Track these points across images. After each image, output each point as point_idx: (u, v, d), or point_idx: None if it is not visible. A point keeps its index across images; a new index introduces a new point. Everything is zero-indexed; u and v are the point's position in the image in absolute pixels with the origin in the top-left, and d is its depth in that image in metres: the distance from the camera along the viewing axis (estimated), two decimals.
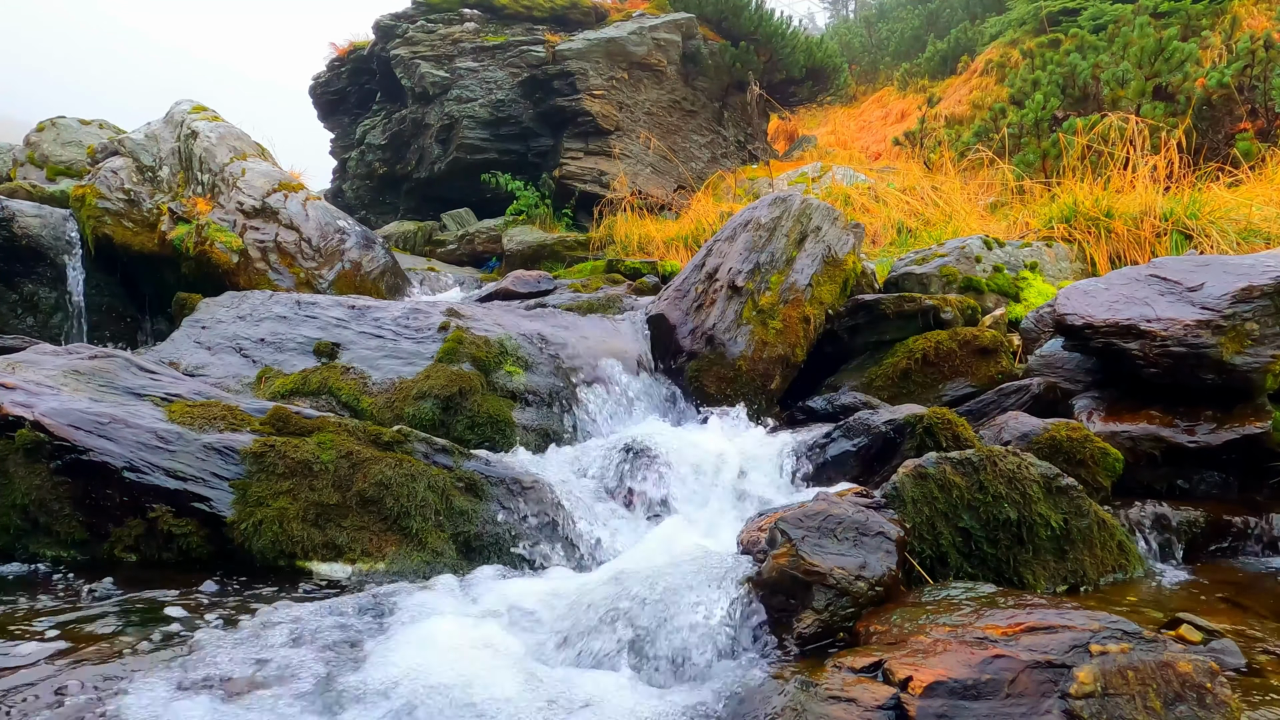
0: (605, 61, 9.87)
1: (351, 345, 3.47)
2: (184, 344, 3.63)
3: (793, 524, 1.89)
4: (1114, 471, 2.65)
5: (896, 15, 18.24)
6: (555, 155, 9.87)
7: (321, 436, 2.49)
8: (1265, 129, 7.23)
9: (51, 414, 2.27)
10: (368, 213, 11.02)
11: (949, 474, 2.11)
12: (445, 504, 2.46)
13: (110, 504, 2.23)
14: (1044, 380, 3.27)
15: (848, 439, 2.82)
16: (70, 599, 2.01)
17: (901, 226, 7.07)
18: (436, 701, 1.60)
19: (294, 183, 6.05)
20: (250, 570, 2.26)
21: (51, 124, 7.59)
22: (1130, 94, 7.89)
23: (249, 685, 1.63)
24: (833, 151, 11.95)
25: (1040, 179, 7.17)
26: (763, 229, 4.03)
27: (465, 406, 3.15)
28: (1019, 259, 4.83)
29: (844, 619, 1.74)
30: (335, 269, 5.67)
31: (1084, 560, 2.14)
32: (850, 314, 4.04)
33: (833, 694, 1.45)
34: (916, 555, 2.02)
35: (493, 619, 2.04)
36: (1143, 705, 1.31)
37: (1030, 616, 1.54)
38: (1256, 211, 5.04)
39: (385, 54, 10.58)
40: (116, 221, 5.51)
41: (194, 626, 1.89)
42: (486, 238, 9.34)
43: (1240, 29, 9.12)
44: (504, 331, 3.55)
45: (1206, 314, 2.83)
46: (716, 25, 11.42)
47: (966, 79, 13.08)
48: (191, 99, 6.55)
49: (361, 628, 1.90)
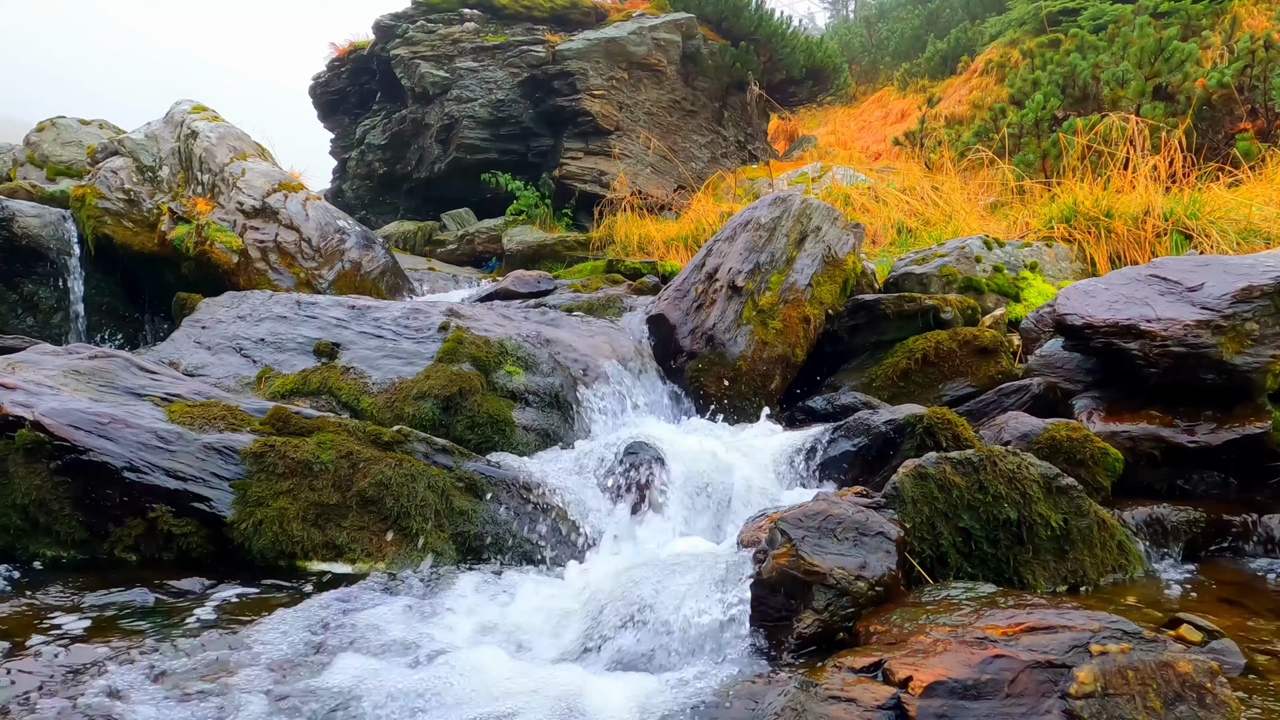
0: (605, 61, 9.87)
1: (351, 345, 3.47)
2: (184, 344, 3.63)
3: (793, 524, 1.89)
4: (1114, 471, 2.64)
5: (896, 15, 18.23)
6: (555, 155, 9.87)
7: (321, 436, 2.49)
8: (1265, 129, 7.23)
9: (51, 414, 2.27)
10: (368, 213, 11.01)
11: (949, 474, 2.11)
12: (445, 504, 2.46)
13: (110, 504, 2.23)
14: (1044, 380, 3.27)
15: (848, 439, 2.82)
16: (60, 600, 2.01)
17: (901, 226, 7.07)
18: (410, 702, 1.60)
19: (294, 183, 6.05)
20: (250, 570, 2.26)
21: (51, 124, 7.59)
22: (1130, 94, 7.89)
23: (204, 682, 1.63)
24: (833, 151, 11.95)
25: (1040, 179, 7.17)
26: (763, 229, 4.03)
27: (465, 406, 3.15)
28: (1019, 259, 4.83)
29: (844, 619, 1.74)
30: (335, 269, 5.67)
31: (1084, 560, 2.14)
32: (850, 314, 4.03)
33: (833, 694, 1.45)
34: (916, 555, 2.02)
35: (489, 619, 2.04)
36: (1143, 705, 1.31)
37: (1030, 616, 1.54)
38: (1256, 211, 5.04)
39: (385, 54, 10.57)
40: (116, 221, 5.50)
41: (170, 624, 1.89)
42: (486, 238, 9.33)
43: (1240, 29, 9.12)
44: (504, 331, 3.55)
45: (1206, 314, 2.83)
46: (716, 25, 11.42)
47: (966, 79, 13.08)
48: (191, 99, 6.54)
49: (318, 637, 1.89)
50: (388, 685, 1.65)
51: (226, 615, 1.96)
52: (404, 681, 1.66)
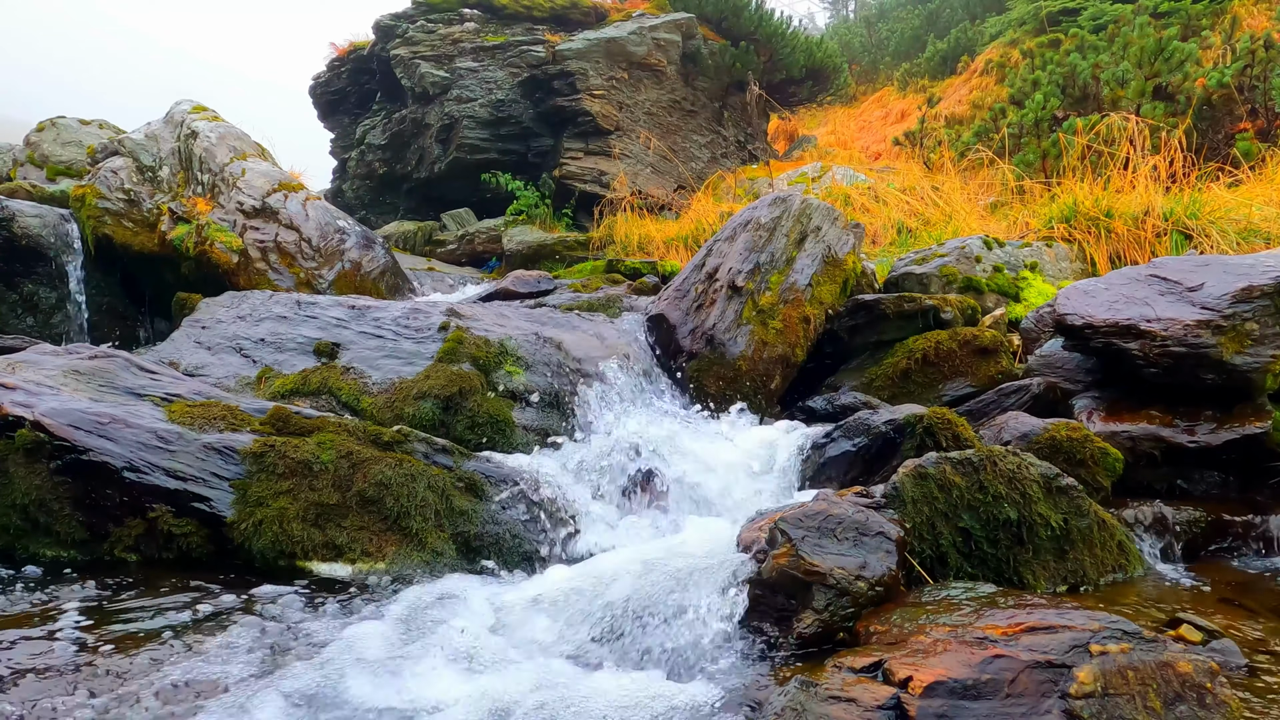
0: (605, 61, 9.87)
1: (351, 345, 3.47)
2: (184, 344, 3.63)
3: (793, 524, 1.89)
4: (1114, 471, 2.64)
5: (896, 15, 18.24)
6: (555, 155, 9.87)
7: (321, 436, 2.49)
8: (1265, 129, 7.23)
9: (51, 414, 2.27)
10: (368, 213, 11.01)
11: (949, 474, 2.11)
12: (445, 504, 2.46)
13: (110, 504, 2.23)
14: (1044, 380, 3.27)
15: (848, 439, 2.82)
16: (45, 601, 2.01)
17: (901, 226, 7.07)
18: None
19: (294, 183, 6.05)
20: (250, 570, 2.25)
21: (51, 124, 7.59)
22: (1130, 94, 7.89)
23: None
24: (833, 151, 11.95)
25: (1040, 179, 7.17)
26: (763, 229, 4.03)
27: (465, 406, 3.15)
28: (1019, 259, 4.83)
29: (844, 619, 1.74)
30: (335, 269, 5.67)
31: (1084, 560, 2.14)
32: (850, 314, 4.03)
33: (833, 694, 1.45)
34: (916, 555, 2.02)
35: (488, 620, 2.04)
36: (1143, 705, 1.31)
37: (1030, 616, 1.54)
38: (1256, 211, 5.04)
39: (385, 54, 10.57)
40: (116, 221, 5.50)
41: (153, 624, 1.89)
42: (486, 238, 9.33)
43: (1240, 29, 9.12)
44: (504, 331, 3.55)
45: (1206, 314, 2.83)
46: (716, 25, 11.42)
47: (966, 79, 13.08)
48: (191, 99, 6.54)
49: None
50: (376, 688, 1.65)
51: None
52: (404, 682, 1.66)
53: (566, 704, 1.61)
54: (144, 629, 1.86)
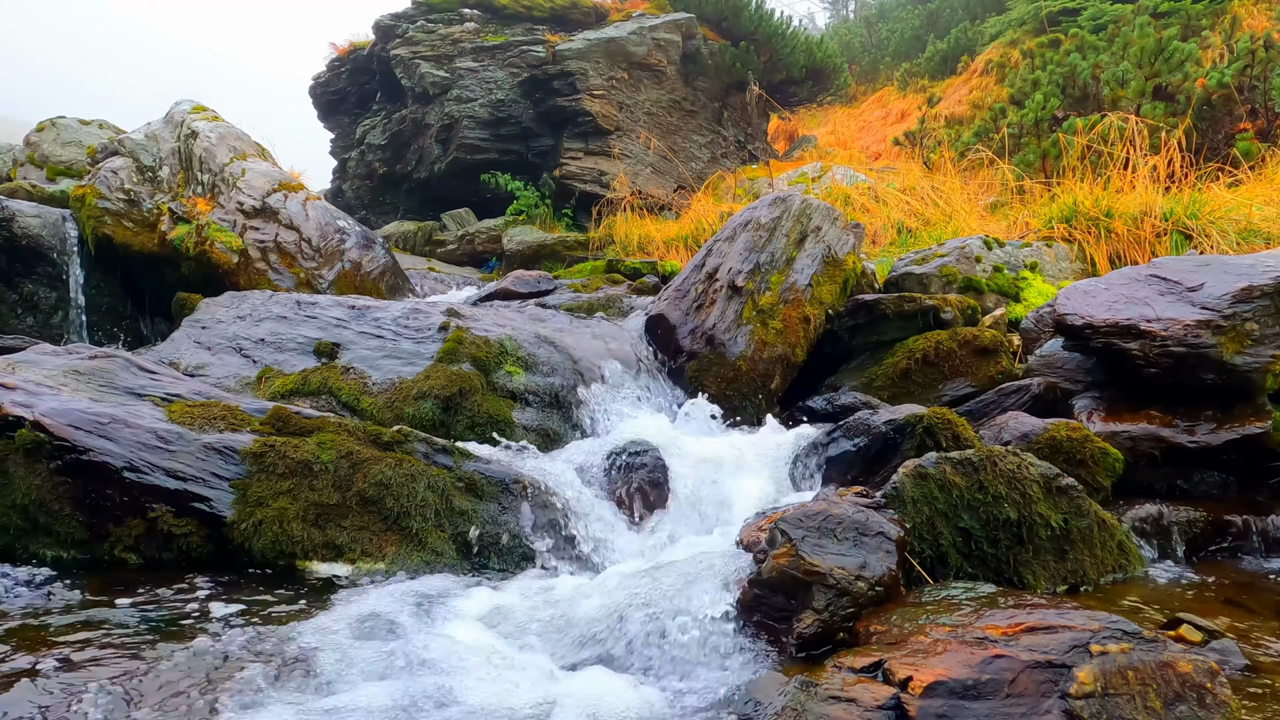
0: (605, 61, 9.87)
1: (351, 345, 3.47)
2: (184, 344, 3.63)
3: (793, 524, 1.89)
4: (1114, 471, 2.64)
5: (896, 15, 18.23)
6: (555, 155, 9.87)
7: (321, 436, 2.49)
8: (1265, 129, 7.23)
9: (51, 414, 2.27)
10: (368, 213, 11.02)
11: (949, 474, 2.11)
12: (445, 504, 2.46)
13: (110, 504, 2.23)
14: (1044, 380, 3.27)
15: (848, 439, 2.82)
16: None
17: (901, 226, 7.07)
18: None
19: (294, 183, 6.05)
20: (250, 570, 2.25)
21: (51, 124, 7.59)
22: (1130, 94, 7.89)
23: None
24: (833, 151, 11.95)
25: (1040, 179, 7.17)
26: (763, 229, 4.03)
27: (465, 407, 3.15)
28: (1019, 259, 4.83)
29: (844, 619, 1.74)
30: (335, 269, 5.67)
31: (1084, 560, 2.14)
32: (850, 314, 4.03)
33: (833, 694, 1.45)
34: (916, 555, 2.02)
35: (486, 620, 2.04)
36: (1143, 705, 1.31)
37: (1030, 616, 1.54)
38: (1256, 211, 5.04)
39: (385, 54, 10.58)
40: (116, 221, 5.50)
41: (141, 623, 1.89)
42: (486, 238, 9.34)
43: (1240, 29, 9.12)
44: (504, 331, 3.55)
45: (1206, 314, 2.83)
46: (716, 25, 11.42)
47: (966, 79, 13.08)
48: (191, 99, 6.55)
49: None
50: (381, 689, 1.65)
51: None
52: (404, 684, 1.67)
53: (566, 704, 1.61)
54: (144, 629, 1.85)
